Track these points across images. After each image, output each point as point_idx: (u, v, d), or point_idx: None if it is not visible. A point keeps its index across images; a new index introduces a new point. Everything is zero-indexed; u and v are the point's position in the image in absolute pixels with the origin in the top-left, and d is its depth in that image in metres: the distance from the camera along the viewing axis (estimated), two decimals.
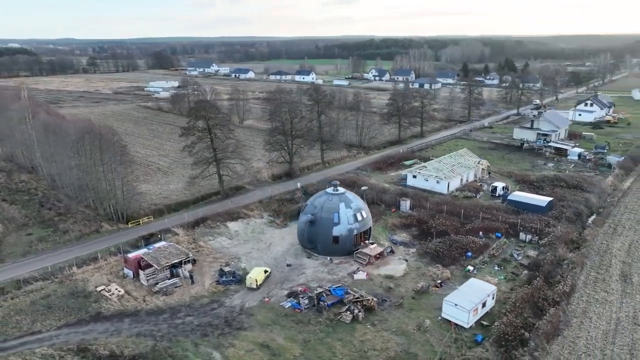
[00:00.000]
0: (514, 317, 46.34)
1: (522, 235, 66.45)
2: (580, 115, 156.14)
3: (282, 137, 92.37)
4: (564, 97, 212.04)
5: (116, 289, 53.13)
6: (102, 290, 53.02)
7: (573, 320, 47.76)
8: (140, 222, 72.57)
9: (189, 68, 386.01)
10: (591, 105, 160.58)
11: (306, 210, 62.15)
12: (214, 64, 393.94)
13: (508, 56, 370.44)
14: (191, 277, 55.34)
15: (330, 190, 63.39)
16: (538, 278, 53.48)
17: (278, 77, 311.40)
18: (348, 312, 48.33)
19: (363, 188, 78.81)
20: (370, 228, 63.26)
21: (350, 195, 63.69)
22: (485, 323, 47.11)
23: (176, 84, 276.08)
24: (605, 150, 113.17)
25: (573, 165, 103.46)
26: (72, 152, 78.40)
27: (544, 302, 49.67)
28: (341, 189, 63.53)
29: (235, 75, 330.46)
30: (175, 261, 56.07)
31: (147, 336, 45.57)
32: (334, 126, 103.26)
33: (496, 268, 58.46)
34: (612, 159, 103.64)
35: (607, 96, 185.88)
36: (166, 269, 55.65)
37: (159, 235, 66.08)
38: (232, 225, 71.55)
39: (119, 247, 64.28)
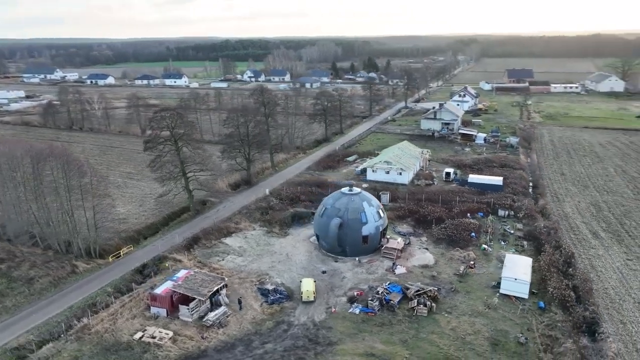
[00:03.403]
0: (554, 281, 52.76)
1: (500, 212, 74.78)
2: (458, 105, 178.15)
3: (239, 144, 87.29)
4: (431, 90, 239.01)
5: (159, 332, 45.30)
6: (142, 337, 44.70)
7: (590, 275, 56.27)
8: (121, 253, 62.08)
9: (26, 75, 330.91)
10: (464, 96, 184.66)
11: (328, 214, 60.39)
12: (57, 70, 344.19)
13: (366, 55, 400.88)
14: (239, 302, 49.91)
15: (345, 190, 62.82)
16: (546, 245, 61.28)
17: (145, 81, 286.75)
18: (422, 306, 49.26)
19: (364, 186, 79.28)
20: (387, 224, 64.45)
21: (367, 193, 64.03)
22: (535, 291, 52.58)
23: (22, 93, 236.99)
24: (499, 134, 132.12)
25: (485, 148, 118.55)
26: (8, 180, 62.94)
27: (558, 265, 57.44)
28: (356, 189, 63.47)
29: (91, 82, 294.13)
30: (216, 288, 49.92)
31: None
32: (284, 128, 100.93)
33: (502, 243, 65.08)
34: (513, 140, 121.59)
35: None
36: (206, 299, 49.25)
37: (167, 265, 57.64)
38: (231, 242, 65.83)
39: (116, 286, 54.54)
